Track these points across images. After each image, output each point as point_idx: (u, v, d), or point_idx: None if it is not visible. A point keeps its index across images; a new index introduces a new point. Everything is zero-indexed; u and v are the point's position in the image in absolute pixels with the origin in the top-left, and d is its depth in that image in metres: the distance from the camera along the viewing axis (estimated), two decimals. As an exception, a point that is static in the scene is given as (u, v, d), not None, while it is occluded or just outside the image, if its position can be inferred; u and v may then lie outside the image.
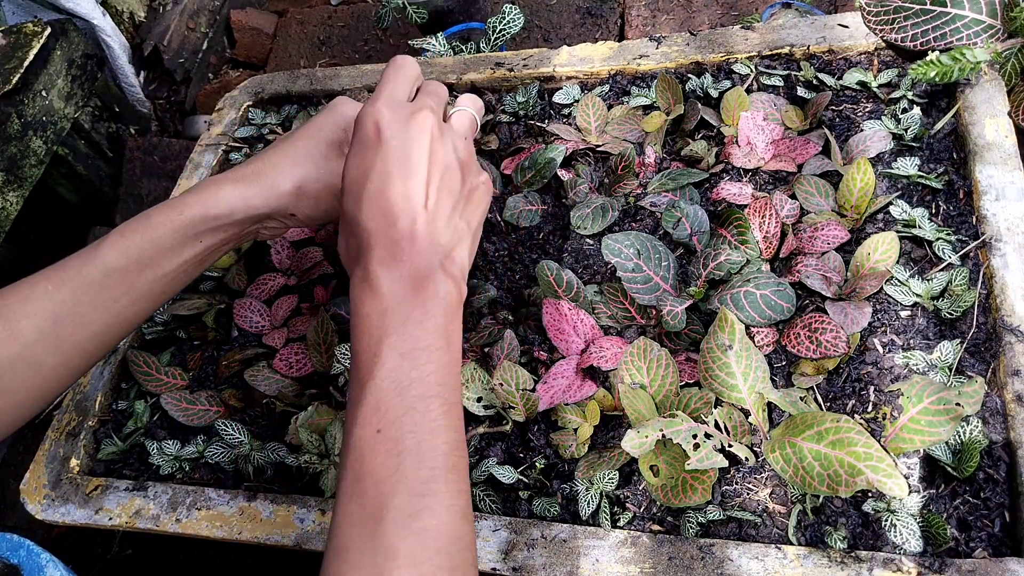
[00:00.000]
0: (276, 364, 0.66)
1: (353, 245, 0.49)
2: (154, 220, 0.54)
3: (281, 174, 0.57)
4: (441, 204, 0.49)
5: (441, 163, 0.50)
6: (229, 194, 0.55)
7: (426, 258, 0.47)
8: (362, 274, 0.48)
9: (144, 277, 0.54)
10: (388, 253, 0.47)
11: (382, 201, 0.47)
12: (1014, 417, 0.50)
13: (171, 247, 0.54)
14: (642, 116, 0.74)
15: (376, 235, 0.47)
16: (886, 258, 0.57)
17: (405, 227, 0.47)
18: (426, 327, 0.46)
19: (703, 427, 0.52)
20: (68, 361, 0.53)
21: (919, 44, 0.63)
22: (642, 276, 0.59)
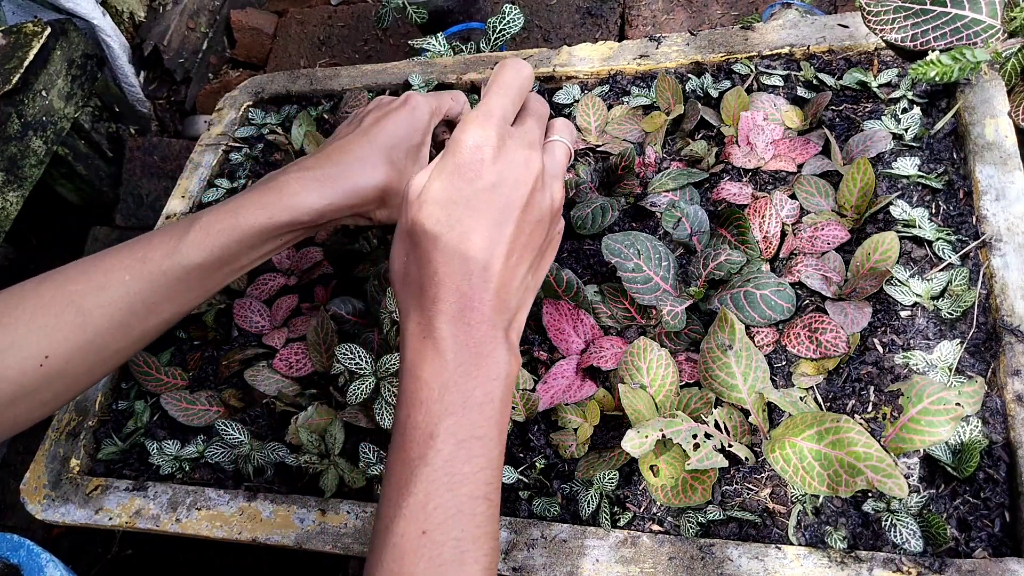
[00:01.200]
0: (276, 364, 0.66)
1: (415, 276, 0.44)
2: (242, 220, 0.52)
3: (366, 176, 0.54)
4: (522, 261, 0.44)
5: (535, 215, 0.44)
6: (314, 196, 0.53)
7: (493, 323, 0.43)
8: (424, 326, 0.43)
9: (223, 272, 0.54)
10: (458, 309, 0.42)
11: (465, 246, 0.42)
12: (1014, 417, 0.50)
13: (253, 246, 0.53)
14: (642, 116, 0.74)
15: (448, 283, 0.42)
16: (886, 258, 0.57)
17: (480, 284, 0.42)
18: (484, 412, 0.42)
19: (703, 427, 0.52)
20: (132, 345, 0.53)
21: (919, 44, 0.63)
22: (642, 276, 0.59)
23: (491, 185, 0.42)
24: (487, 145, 0.42)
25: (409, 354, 0.43)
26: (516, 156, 0.43)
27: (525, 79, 0.47)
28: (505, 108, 0.45)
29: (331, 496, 0.59)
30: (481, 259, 0.42)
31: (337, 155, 0.55)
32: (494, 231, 0.42)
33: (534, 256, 0.46)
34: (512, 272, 0.44)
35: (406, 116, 0.57)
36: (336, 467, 0.59)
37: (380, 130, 0.56)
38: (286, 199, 0.53)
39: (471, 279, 0.42)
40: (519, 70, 0.47)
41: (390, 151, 0.56)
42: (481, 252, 0.42)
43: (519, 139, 0.44)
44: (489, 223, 0.42)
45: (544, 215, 0.45)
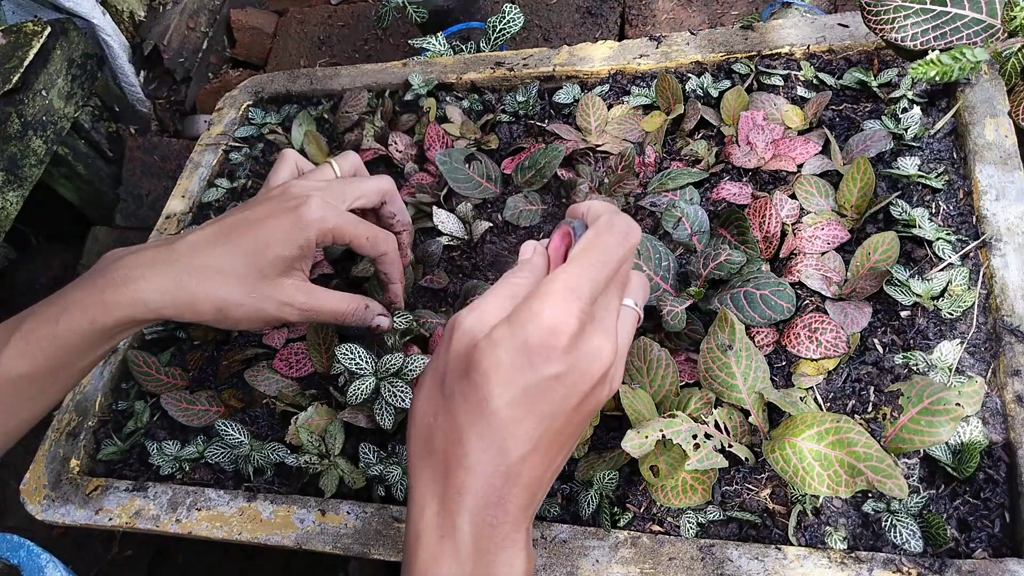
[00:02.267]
0: (276, 364, 0.66)
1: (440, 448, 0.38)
2: (62, 327, 0.48)
3: (203, 292, 0.49)
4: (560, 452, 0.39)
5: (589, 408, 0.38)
6: (143, 300, 0.49)
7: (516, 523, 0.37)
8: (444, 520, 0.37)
9: (57, 377, 0.50)
10: (483, 505, 0.36)
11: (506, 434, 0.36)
12: (1014, 417, 0.50)
13: (83, 350, 0.49)
14: (642, 116, 0.74)
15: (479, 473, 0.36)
16: (886, 258, 0.57)
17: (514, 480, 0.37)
18: None
19: (703, 427, 0.52)
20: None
21: (919, 44, 0.63)
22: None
23: (555, 375, 0.36)
24: (566, 332, 0.35)
25: (422, 552, 0.37)
26: (591, 346, 0.36)
27: (630, 250, 0.39)
28: (596, 287, 0.37)
29: (331, 496, 0.59)
30: (521, 454, 0.36)
31: (187, 255, 0.50)
32: (541, 424, 0.36)
33: (572, 443, 0.40)
34: (548, 465, 0.38)
35: (286, 226, 0.51)
36: (336, 467, 0.59)
37: (245, 235, 0.50)
38: (109, 299, 0.48)
39: (506, 474, 0.37)
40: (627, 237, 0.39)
41: (248, 259, 0.50)
42: (522, 446, 0.36)
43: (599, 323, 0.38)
44: (539, 415, 0.36)
45: (597, 407, 0.39)
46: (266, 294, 0.51)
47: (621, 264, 0.39)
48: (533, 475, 0.37)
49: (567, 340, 0.35)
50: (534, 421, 0.36)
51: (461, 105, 0.81)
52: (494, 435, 0.36)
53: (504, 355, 0.36)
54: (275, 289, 0.52)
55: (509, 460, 0.36)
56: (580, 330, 0.36)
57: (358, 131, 0.82)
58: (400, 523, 0.56)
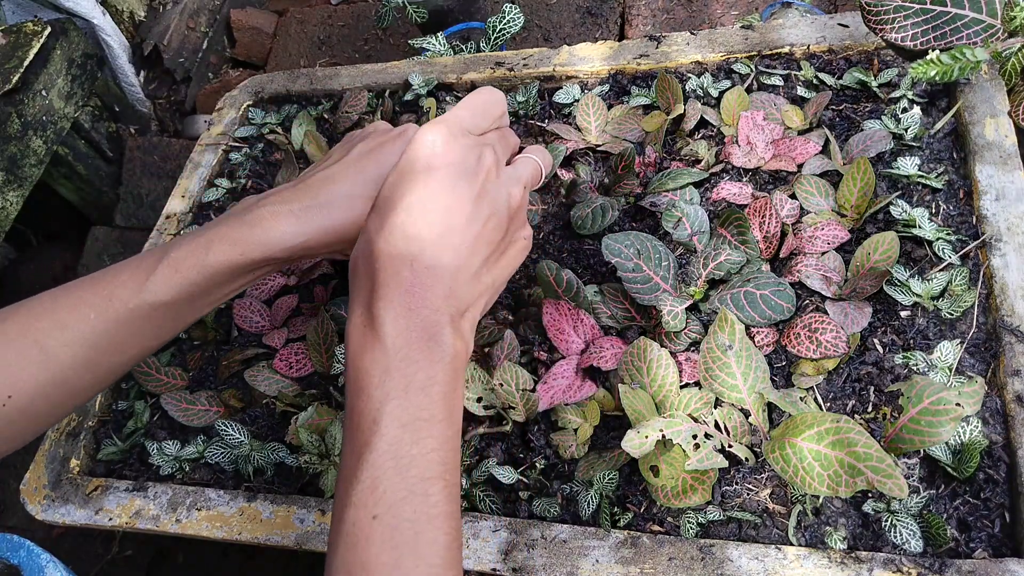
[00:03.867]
0: (276, 364, 0.66)
1: (363, 268, 0.44)
2: (212, 258, 0.50)
3: (347, 214, 0.51)
4: (474, 253, 0.44)
5: (488, 207, 0.44)
6: (290, 233, 0.50)
7: (437, 308, 0.42)
8: (364, 316, 0.43)
9: (192, 307, 0.51)
10: (399, 296, 0.42)
11: (409, 231, 0.42)
12: (1014, 417, 0.50)
13: (225, 282, 0.51)
14: (642, 116, 0.74)
15: (390, 270, 0.42)
16: (886, 258, 0.57)
17: (424, 271, 0.42)
18: (430, 394, 0.41)
19: (703, 427, 0.52)
20: (98, 383, 0.51)
21: (919, 43, 0.63)
22: (642, 276, 0.59)
23: (440, 174, 0.43)
24: (437, 139, 0.44)
25: (352, 345, 0.43)
26: (468, 151, 0.44)
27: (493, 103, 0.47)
28: (462, 119, 0.45)
29: (331, 496, 0.59)
30: (423, 247, 0.42)
31: (318, 187, 0.52)
32: (440, 220, 0.42)
33: (490, 251, 0.45)
34: (462, 262, 0.43)
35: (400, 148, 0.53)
36: (336, 467, 0.59)
37: (369, 161, 0.52)
38: (259, 234, 0.50)
39: (413, 265, 0.42)
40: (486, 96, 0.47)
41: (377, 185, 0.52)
42: (424, 240, 0.42)
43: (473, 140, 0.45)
44: (436, 210, 0.42)
45: (499, 209, 0.45)
46: None
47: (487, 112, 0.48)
48: (444, 267, 0.42)
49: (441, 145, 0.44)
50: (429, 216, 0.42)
51: (461, 105, 0.81)
52: (396, 236, 0.42)
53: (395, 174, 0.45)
54: None
55: (413, 254, 0.42)
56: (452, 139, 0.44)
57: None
58: (400, 523, 0.56)
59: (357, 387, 0.42)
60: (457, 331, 0.43)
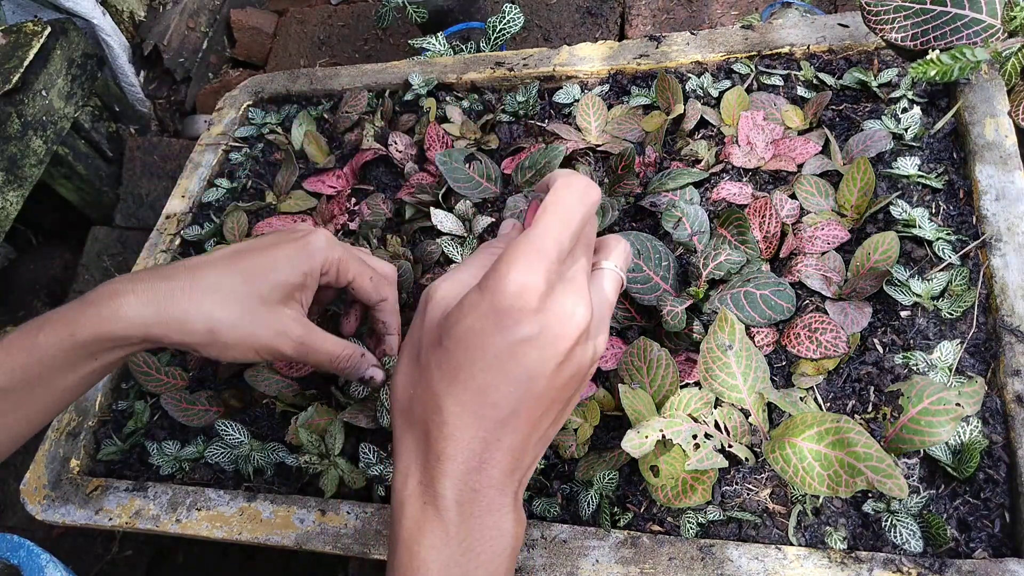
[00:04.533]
0: (276, 364, 0.66)
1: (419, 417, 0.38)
2: (41, 340, 0.47)
3: (195, 309, 0.48)
4: (545, 417, 0.38)
5: (571, 371, 0.37)
6: (127, 314, 0.47)
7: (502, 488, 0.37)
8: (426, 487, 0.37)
9: (35, 395, 0.48)
10: (466, 471, 0.36)
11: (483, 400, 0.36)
12: (1014, 417, 0.50)
13: (62, 366, 0.48)
14: (642, 116, 0.74)
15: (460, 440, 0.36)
16: (886, 258, 0.57)
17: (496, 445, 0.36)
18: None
19: (703, 427, 0.52)
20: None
21: (919, 43, 0.63)
22: (642, 276, 0.59)
23: (528, 338, 0.35)
24: (533, 292, 0.35)
25: (406, 521, 0.37)
26: (563, 307, 0.36)
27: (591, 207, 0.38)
28: (562, 245, 0.36)
29: (331, 496, 0.59)
30: (500, 418, 0.36)
31: (181, 273, 0.49)
32: (521, 389, 0.36)
33: (560, 409, 0.39)
34: (533, 430, 0.38)
35: (293, 253, 0.51)
36: (336, 467, 0.59)
37: (253, 261, 0.50)
38: (92, 314, 0.47)
39: (486, 439, 0.36)
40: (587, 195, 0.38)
41: (253, 285, 0.50)
42: (502, 411, 0.36)
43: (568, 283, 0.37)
44: (517, 379, 0.36)
45: (582, 369, 0.38)
46: (262, 319, 0.50)
47: (584, 222, 0.38)
48: (515, 440, 0.37)
49: (535, 300, 0.35)
50: (511, 385, 0.36)
51: (461, 105, 0.81)
52: (470, 401, 0.36)
53: (475, 320, 0.35)
54: (273, 316, 0.51)
55: (487, 425, 0.36)
56: (548, 290, 0.36)
57: (358, 131, 0.82)
58: (400, 523, 0.56)
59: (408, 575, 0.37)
60: (518, 512, 0.38)
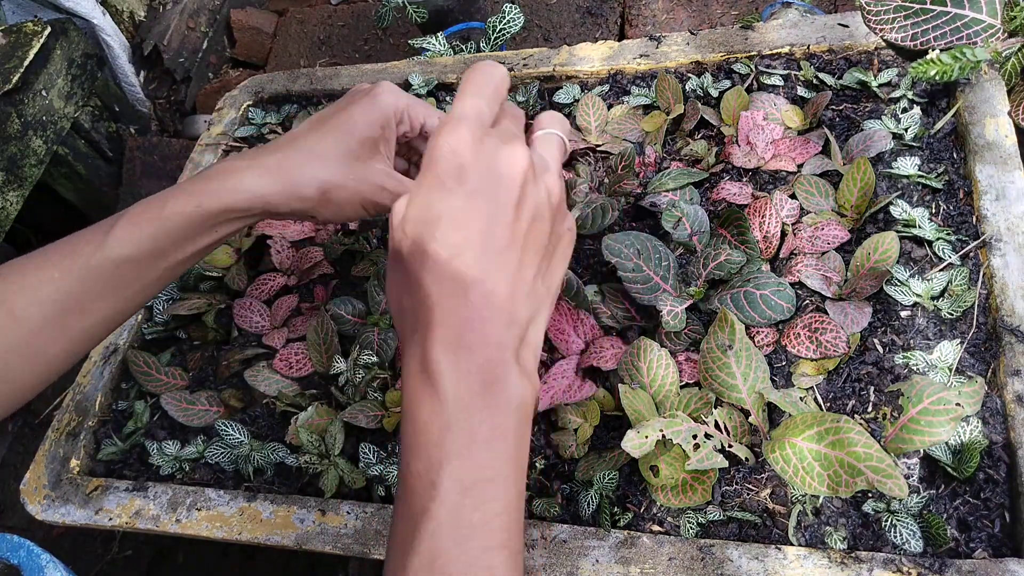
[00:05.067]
0: (276, 364, 0.66)
1: (409, 306, 0.39)
2: (169, 210, 0.50)
3: (305, 174, 0.51)
4: (525, 266, 0.39)
5: (530, 212, 0.39)
6: (248, 186, 0.51)
7: (500, 343, 0.37)
8: (420, 359, 0.38)
9: (156, 265, 0.51)
10: (455, 335, 0.37)
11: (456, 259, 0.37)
12: (1014, 417, 0.50)
13: (186, 237, 0.51)
14: (642, 116, 0.74)
15: (443, 306, 0.37)
16: (886, 258, 0.57)
17: (479, 301, 0.37)
18: (495, 449, 0.37)
19: (703, 427, 0.52)
20: (72, 347, 0.51)
21: (919, 43, 0.63)
22: (642, 276, 0.59)
23: (474, 190, 0.37)
24: (462, 147, 0.38)
25: (407, 397, 0.38)
26: (497, 151, 0.38)
27: (499, 80, 0.42)
28: (479, 109, 0.40)
29: (331, 496, 0.59)
30: (474, 275, 0.37)
31: (284, 145, 0.53)
32: (485, 241, 0.37)
33: (540, 258, 0.40)
34: (515, 281, 0.38)
35: (366, 106, 0.53)
36: (336, 467, 0.60)
37: (335, 121, 0.53)
38: (216, 186, 0.50)
39: (467, 296, 0.37)
40: (492, 71, 0.42)
41: (337, 140, 0.52)
42: (474, 265, 0.37)
43: (498, 137, 0.39)
44: (479, 231, 0.37)
45: (541, 210, 0.40)
46: (361, 175, 0.53)
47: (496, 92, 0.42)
48: (499, 293, 0.38)
49: (469, 153, 0.37)
50: (475, 244, 0.37)
51: (461, 105, 0.81)
52: (443, 267, 0.37)
53: (425, 197, 0.38)
54: (368, 171, 0.54)
55: (464, 285, 0.37)
56: (479, 144, 0.38)
57: (358, 131, 0.82)
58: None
59: (414, 444, 0.37)
60: (522, 368, 0.38)
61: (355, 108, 0.53)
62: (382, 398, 0.62)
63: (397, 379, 0.63)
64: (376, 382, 0.62)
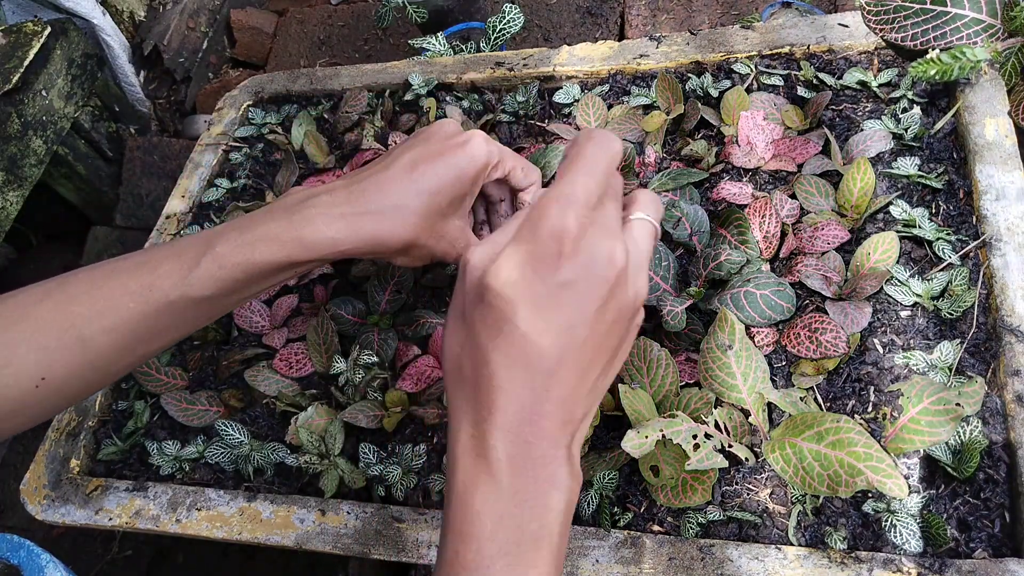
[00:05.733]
0: (276, 364, 0.66)
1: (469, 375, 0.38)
2: (258, 256, 0.49)
3: (395, 226, 0.50)
4: (593, 365, 0.38)
5: (614, 314, 0.38)
6: (338, 239, 0.50)
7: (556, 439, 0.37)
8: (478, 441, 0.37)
9: (230, 301, 0.52)
10: (516, 423, 0.36)
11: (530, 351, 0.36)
12: (1014, 417, 0.50)
13: (266, 279, 0.51)
14: (642, 116, 0.74)
15: (506, 392, 0.36)
16: (886, 258, 0.57)
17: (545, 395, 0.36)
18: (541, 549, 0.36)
19: (703, 427, 0.52)
20: (132, 365, 0.51)
21: (919, 43, 0.63)
22: (642, 276, 0.59)
23: (567, 282, 0.36)
24: (567, 236, 0.36)
25: (460, 474, 0.37)
26: (597, 249, 0.37)
27: (614, 157, 0.40)
28: (589, 191, 0.38)
29: (331, 496, 0.59)
30: (547, 367, 0.36)
31: (370, 193, 0.51)
32: (565, 335, 0.36)
33: (608, 358, 0.39)
34: (581, 380, 0.38)
35: (460, 161, 0.51)
36: (336, 467, 0.60)
37: (425, 173, 0.51)
38: (308, 237, 0.49)
39: (534, 389, 0.36)
40: (608, 146, 0.40)
41: (430, 198, 0.51)
42: (548, 359, 0.36)
43: (601, 228, 0.38)
44: (560, 326, 0.36)
45: (624, 313, 0.39)
46: (441, 233, 0.52)
47: (608, 171, 0.39)
48: (564, 389, 0.37)
49: (569, 244, 0.36)
50: (554, 333, 0.36)
51: (461, 105, 0.81)
52: (516, 351, 0.36)
53: (513, 272, 0.36)
54: (448, 228, 0.53)
55: (534, 376, 0.36)
56: (581, 233, 0.36)
57: (358, 131, 0.82)
58: (400, 523, 0.56)
59: (466, 533, 0.36)
60: (572, 466, 0.38)
61: (448, 163, 0.51)
62: (382, 398, 0.62)
63: (397, 379, 0.63)
64: (376, 382, 0.62)
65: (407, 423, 0.62)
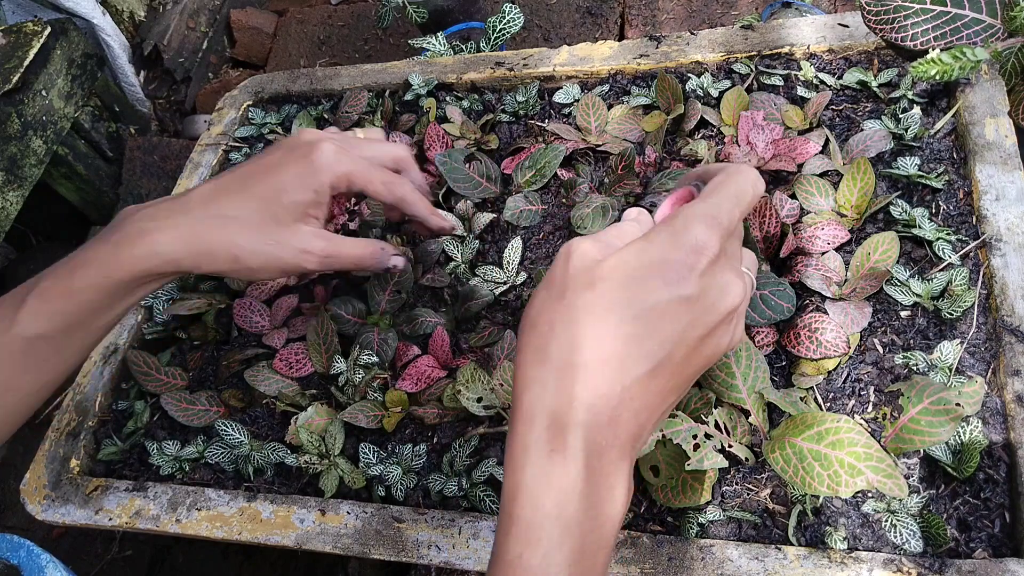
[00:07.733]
0: (276, 364, 0.66)
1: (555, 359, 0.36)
2: (78, 283, 0.48)
3: (218, 240, 0.49)
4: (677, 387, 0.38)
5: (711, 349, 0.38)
6: (159, 251, 0.48)
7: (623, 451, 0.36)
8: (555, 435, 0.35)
9: (74, 337, 0.49)
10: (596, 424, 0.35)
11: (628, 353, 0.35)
12: (1014, 417, 0.50)
13: (100, 307, 0.49)
14: (642, 116, 0.74)
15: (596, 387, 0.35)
16: (886, 258, 0.57)
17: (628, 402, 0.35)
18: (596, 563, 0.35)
19: (703, 427, 0.52)
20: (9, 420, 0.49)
21: (919, 43, 0.63)
22: (642, 276, 0.59)
23: (687, 297, 0.35)
24: (708, 252, 0.35)
25: (531, 469, 0.35)
26: (724, 279, 0.36)
27: (756, 196, 0.39)
28: (732, 220, 0.37)
29: (331, 496, 0.59)
30: (639, 374, 0.35)
31: (194, 204, 0.50)
32: (663, 347, 0.35)
33: (684, 388, 0.38)
34: (663, 398, 0.37)
35: (301, 172, 0.51)
36: (336, 467, 0.60)
37: (263, 188, 0.50)
38: (124, 255, 0.48)
39: (621, 393, 0.35)
40: (756, 184, 0.39)
41: (266, 210, 0.50)
42: (641, 366, 0.35)
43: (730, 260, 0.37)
44: (662, 337, 0.35)
45: (718, 352, 0.38)
46: (283, 241, 0.51)
47: (750, 207, 0.39)
48: (646, 401, 0.36)
49: (707, 262, 0.35)
50: (657, 342, 0.35)
51: (461, 105, 0.81)
52: (616, 349, 0.35)
53: (640, 270, 0.35)
54: (292, 236, 0.52)
55: (626, 378, 0.35)
56: (717, 259, 0.36)
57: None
58: (400, 523, 0.56)
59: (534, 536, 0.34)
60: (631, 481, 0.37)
61: (287, 173, 0.51)
62: (382, 398, 0.62)
63: (397, 379, 0.63)
64: (376, 382, 0.62)
65: (407, 423, 0.62)
